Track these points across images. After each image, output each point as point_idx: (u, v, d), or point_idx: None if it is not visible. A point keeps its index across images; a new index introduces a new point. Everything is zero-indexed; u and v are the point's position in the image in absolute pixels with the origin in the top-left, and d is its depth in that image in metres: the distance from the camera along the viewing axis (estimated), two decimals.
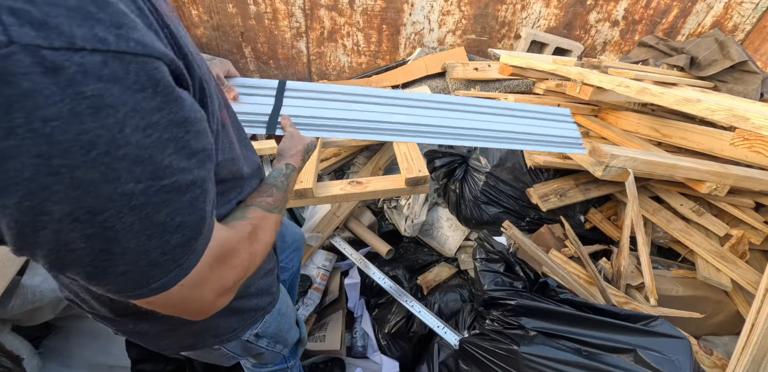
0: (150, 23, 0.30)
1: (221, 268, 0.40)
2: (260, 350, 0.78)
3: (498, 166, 1.43)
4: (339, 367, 1.36)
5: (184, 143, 0.32)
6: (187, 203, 0.33)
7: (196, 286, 0.37)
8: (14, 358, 1.05)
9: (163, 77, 0.29)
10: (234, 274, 0.42)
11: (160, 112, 0.29)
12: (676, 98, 1.01)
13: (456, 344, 1.12)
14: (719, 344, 1.17)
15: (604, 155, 1.02)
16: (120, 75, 0.27)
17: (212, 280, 0.39)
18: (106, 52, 0.26)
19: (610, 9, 2.08)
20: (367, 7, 2.09)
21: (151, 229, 0.31)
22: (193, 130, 0.32)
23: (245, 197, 0.56)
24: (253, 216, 0.51)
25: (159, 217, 0.31)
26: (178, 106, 0.31)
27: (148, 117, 0.29)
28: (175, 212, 0.32)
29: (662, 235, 1.33)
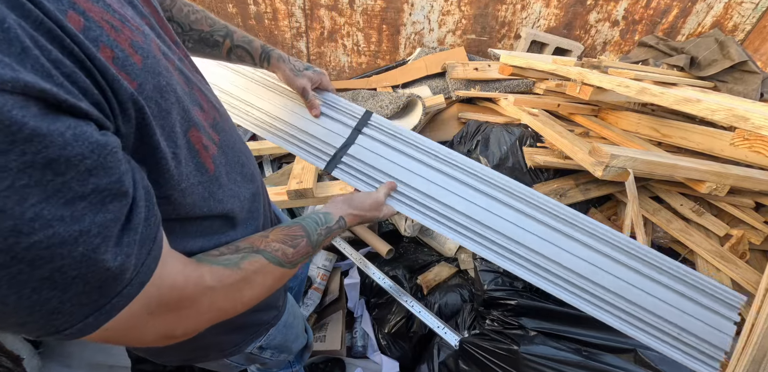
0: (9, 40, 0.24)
1: (167, 315, 0.36)
2: (264, 360, 0.76)
3: (498, 166, 1.43)
4: (339, 367, 1.36)
5: (57, 187, 0.26)
6: (81, 257, 0.28)
7: (129, 330, 0.34)
8: (14, 358, 1.05)
9: (6, 112, 0.23)
10: (184, 324, 0.38)
11: (7, 154, 0.23)
12: (676, 98, 1.01)
13: (456, 344, 1.12)
14: None
15: (604, 155, 1.02)
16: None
17: (152, 325, 0.35)
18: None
19: (610, 9, 2.08)
20: (367, 7, 2.09)
21: (34, 284, 0.27)
22: (72, 171, 0.26)
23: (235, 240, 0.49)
24: (248, 267, 0.43)
25: (42, 272, 0.27)
26: (34, 144, 0.24)
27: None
28: (66, 267, 0.27)
29: (662, 235, 1.33)
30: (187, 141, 0.40)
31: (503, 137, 1.45)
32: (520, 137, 1.43)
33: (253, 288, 0.44)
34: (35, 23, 0.26)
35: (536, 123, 1.42)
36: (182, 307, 0.37)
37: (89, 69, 0.28)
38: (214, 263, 0.41)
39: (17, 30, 0.24)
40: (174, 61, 0.41)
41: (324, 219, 0.57)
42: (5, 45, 0.24)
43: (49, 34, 0.27)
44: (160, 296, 0.34)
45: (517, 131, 1.45)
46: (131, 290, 0.32)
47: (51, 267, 0.27)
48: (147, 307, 0.33)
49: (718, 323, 0.68)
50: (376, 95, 1.75)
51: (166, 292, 0.35)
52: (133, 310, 0.32)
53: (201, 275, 0.39)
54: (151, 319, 0.34)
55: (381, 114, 1.61)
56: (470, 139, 1.55)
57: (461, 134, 1.61)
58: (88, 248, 0.28)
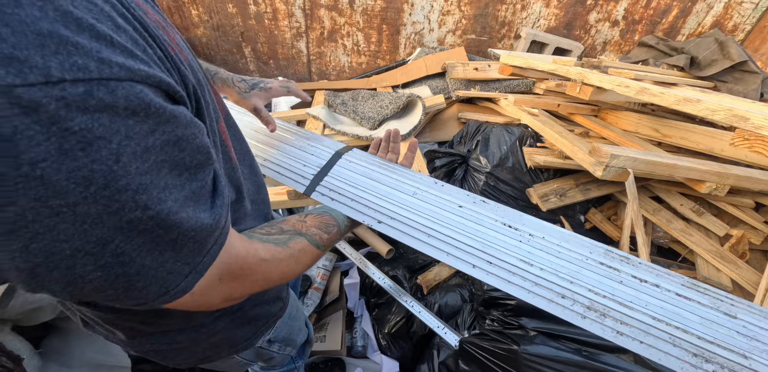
0: (134, 40, 0.28)
1: (231, 281, 0.40)
2: (272, 355, 0.78)
3: (498, 166, 1.43)
4: (339, 367, 1.36)
5: (179, 161, 0.31)
6: (193, 218, 0.33)
7: (204, 294, 0.38)
8: (14, 358, 1.05)
9: (152, 99, 0.27)
10: (241, 289, 0.43)
11: (154, 134, 0.28)
12: (676, 98, 1.01)
13: (456, 344, 1.12)
14: None
15: (604, 155, 1.02)
16: (108, 103, 0.25)
17: (219, 290, 0.39)
18: (89, 81, 0.24)
19: (610, 9, 2.08)
20: (367, 7, 2.09)
21: (163, 245, 0.31)
22: (188, 147, 0.32)
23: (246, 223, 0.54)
24: (295, 247, 0.49)
25: (171, 235, 0.31)
26: (171, 125, 0.29)
27: (143, 142, 0.27)
28: (181, 225, 0.32)
29: (662, 235, 1.33)
30: (219, 132, 0.44)
31: (503, 137, 1.45)
32: (520, 137, 1.43)
33: (299, 263, 0.49)
34: (134, 26, 0.29)
35: (536, 123, 1.42)
36: (243, 275, 0.41)
37: (175, 64, 0.33)
38: (266, 241, 0.47)
39: (132, 32, 0.29)
40: (195, 57, 0.45)
41: (342, 215, 0.63)
42: (133, 44, 0.28)
43: (145, 33, 0.31)
44: (229, 263, 0.39)
45: (517, 131, 1.45)
46: (215, 250, 0.37)
47: (175, 228, 0.31)
48: (219, 273, 0.38)
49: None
50: (376, 95, 1.75)
51: (233, 260, 0.40)
52: (212, 274, 0.37)
53: (256, 249, 0.44)
54: (219, 285, 0.39)
55: (381, 114, 1.60)
56: (470, 139, 1.55)
57: (461, 134, 1.61)
58: (194, 209, 0.33)
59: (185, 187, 0.32)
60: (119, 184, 0.27)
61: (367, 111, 1.66)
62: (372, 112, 1.64)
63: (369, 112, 1.64)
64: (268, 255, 0.45)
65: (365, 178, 0.74)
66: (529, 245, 0.62)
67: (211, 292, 0.39)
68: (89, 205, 0.26)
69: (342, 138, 1.58)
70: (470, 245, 0.62)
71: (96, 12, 0.26)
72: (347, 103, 1.74)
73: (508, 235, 0.63)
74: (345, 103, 1.74)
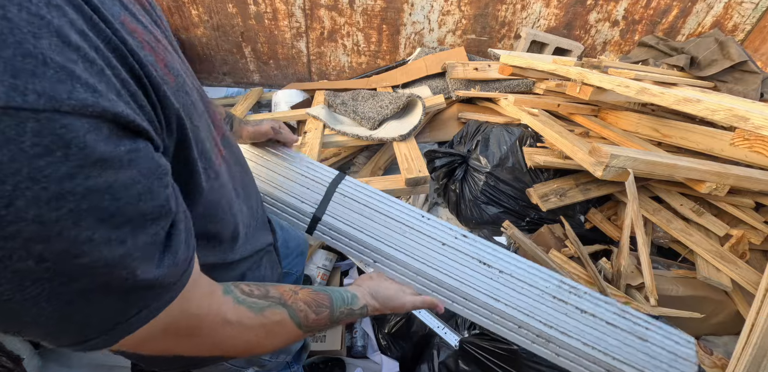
0: (88, 60, 0.24)
1: (180, 337, 0.36)
2: (264, 362, 0.76)
3: (498, 166, 1.43)
4: (339, 367, 1.36)
5: (113, 211, 0.26)
6: (121, 277, 0.28)
7: (143, 343, 0.34)
8: (14, 358, 1.05)
9: (76, 136, 0.23)
10: (192, 350, 0.38)
11: (74, 179, 0.23)
12: (676, 98, 1.01)
13: (456, 344, 1.12)
14: (719, 344, 1.17)
15: (604, 155, 1.02)
16: (9, 137, 0.21)
17: (163, 343, 0.36)
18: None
19: (610, 9, 2.08)
20: (367, 7, 2.09)
21: (71, 297, 0.27)
22: (126, 196, 0.27)
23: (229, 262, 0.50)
24: (271, 317, 0.43)
25: (81, 287, 0.27)
26: (100, 169, 0.25)
27: (54, 186, 0.23)
28: (105, 284, 0.28)
29: (662, 235, 1.33)
30: (212, 156, 0.41)
31: (503, 137, 1.45)
32: (520, 137, 1.43)
33: (270, 337, 0.44)
34: (106, 41, 0.26)
35: (536, 123, 1.42)
36: (195, 334, 0.37)
37: (146, 86, 0.29)
38: (240, 302, 0.42)
39: (89, 50, 0.24)
40: (190, 77, 0.42)
41: (350, 299, 0.56)
42: (87, 64, 0.24)
43: (117, 51, 0.27)
44: (180, 318, 0.35)
45: (517, 131, 1.45)
46: (159, 305, 0.32)
47: (91, 284, 0.27)
48: (165, 326, 0.34)
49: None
50: (376, 95, 1.75)
51: (186, 316, 0.35)
52: (153, 326, 0.33)
53: (223, 309, 0.39)
54: (165, 338, 0.35)
55: (381, 114, 1.60)
56: (470, 139, 1.55)
57: (461, 134, 1.61)
58: (129, 270, 0.28)
59: (123, 243, 0.27)
60: (6, 231, 0.22)
61: (367, 111, 1.66)
62: (372, 112, 1.64)
63: (369, 112, 1.64)
64: (235, 318, 0.40)
65: (359, 216, 0.79)
66: (497, 282, 0.73)
67: (151, 344, 0.35)
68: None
69: (342, 138, 1.58)
70: (450, 284, 0.72)
71: (37, 25, 0.22)
72: (347, 103, 1.74)
73: (481, 273, 0.73)
74: (345, 103, 1.74)
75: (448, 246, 0.76)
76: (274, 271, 0.66)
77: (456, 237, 0.78)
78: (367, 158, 1.88)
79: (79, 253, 0.25)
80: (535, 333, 0.69)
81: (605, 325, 0.70)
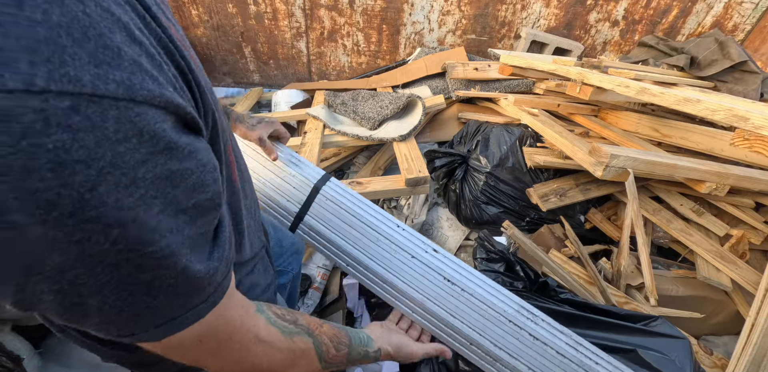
0: (150, 55, 0.26)
1: (210, 351, 0.36)
2: None
3: (498, 166, 1.43)
4: None
5: (171, 199, 0.27)
6: (180, 266, 0.29)
7: (176, 349, 0.35)
8: (14, 358, 1.05)
9: (147, 124, 0.24)
10: (218, 364, 0.38)
11: (145, 165, 0.25)
12: (676, 98, 1.01)
13: None
14: (719, 344, 1.17)
15: (604, 155, 1.02)
16: (95, 123, 0.22)
17: (195, 352, 0.36)
18: (78, 95, 0.21)
19: (610, 9, 2.08)
20: (367, 7, 2.09)
21: (133, 288, 0.28)
22: (183, 184, 0.28)
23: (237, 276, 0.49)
24: (300, 345, 0.44)
25: (145, 278, 0.28)
26: (167, 156, 0.26)
27: (131, 173, 0.24)
28: (166, 275, 0.29)
29: (662, 235, 1.33)
30: (227, 156, 0.41)
31: (503, 137, 1.45)
32: (520, 137, 1.43)
33: (292, 365, 0.43)
34: (157, 38, 0.27)
35: (536, 123, 1.42)
36: (228, 347, 0.37)
37: (190, 82, 0.30)
38: (273, 323, 0.42)
39: (149, 46, 0.26)
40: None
41: (367, 341, 0.57)
42: (149, 59, 0.25)
43: (166, 49, 0.28)
44: (218, 326, 0.35)
45: (517, 131, 1.45)
46: (205, 307, 0.33)
47: (154, 274, 0.28)
48: (201, 335, 0.34)
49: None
50: (376, 95, 1.75)
51: (223, 326, 0.36)
52: (192, 331, 0.33)
53: (258, 326, 0.40)
54: (199, 346, 0.35)
55: (381, 114, 1.60)
56: (470, 139, 1.55)
57: (461, 134, 1.61)
58: (186, 260, 0.29)
59: (181, 232, 0.28)
60: (88, 215, 0.23)
61: (367, 111, 1.66)
62: (372, 112, 1.64)
63: (369, 113, 1.64)
64: (267, 338, 0.40)
65: (338, 220, 0.81)
66: (458, 300, 0.75)
67: (182, 351, 0.35)
68: (48, 229, 0.23)
69: (342, 138, 1.58)
70: (413, 296, 0.75)
71: (110, 21, 0.23)
72: (347, 104, 1.74)
73: (444, 289, 0.75)
74: (345, 104, 1.74)
75: (416, 259, 0.77)
76: (267, 274, 0.66)
77: (426, 250, 0.79)
78: (367, 158, 1.88)
79: (147, 241, 0.26)
80: (485, 351, 0.73)
81: (555, 355, 0.72)
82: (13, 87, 0.20)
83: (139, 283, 0.28)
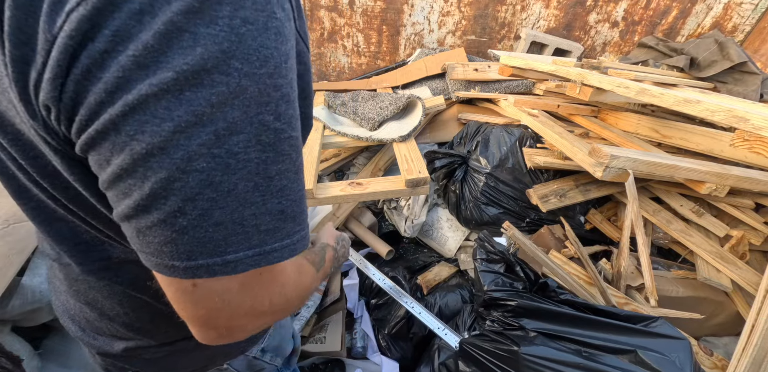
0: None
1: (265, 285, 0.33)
2: (263, 365, 0.76)
3: (498, 167, 1.43)
4: (339, 368, 1.36)
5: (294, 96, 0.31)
6: (295, 169, 0.31)
7: (244, 289, 0.31)
8: (14, 359, 1.05)
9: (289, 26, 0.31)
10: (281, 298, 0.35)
11: (290, 57, 0.30)
12: (675, 99, 1.01)
13: (456, 345, 1.12)
14: (719, 345, 1.17)
15: (604, 156, 1.02)
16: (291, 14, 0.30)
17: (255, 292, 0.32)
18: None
19: (610, 10, 2.09)
20: (367, 8, 2.09)
21: (260, 179, 0.28)
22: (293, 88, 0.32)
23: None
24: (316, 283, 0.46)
25: (273, 168, 0.29)
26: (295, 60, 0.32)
27: (292, 62, 0.30)
28: (286, 172, 0.30)
29: (662, 236, 1.33)
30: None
31: (503, 138, 1.45)
32: (520, 138, 1.43)
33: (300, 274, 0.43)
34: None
35: (536, 124, 1.42)
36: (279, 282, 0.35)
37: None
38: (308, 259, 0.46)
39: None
40: None
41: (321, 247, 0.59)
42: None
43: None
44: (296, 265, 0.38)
45: (517, 132, 1.45)
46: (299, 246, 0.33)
47: (280, 167, 0.29)
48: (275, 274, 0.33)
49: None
50: (377, 96, 1.75)
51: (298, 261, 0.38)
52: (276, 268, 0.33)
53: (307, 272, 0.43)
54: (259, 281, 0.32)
55: (381, 115, 1.61)
56: (470, 140, 1.55)
57: (461, 135, 1.61)
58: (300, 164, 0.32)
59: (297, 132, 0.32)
60: (278, 82, 0.28)
61: (367, 112, 1.66)
62: (372, 113, 1.64)
63: (369, 113, 1.64)
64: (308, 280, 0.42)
65: None
66: None
67: (248, 290, 0.31)
68: (251, 83, 0.26)
69: (342, 139, 1.58)
70: None
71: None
72: (347, 104, 1.74)
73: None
74: (345, 104, 1.74)
75: None
76: None
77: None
78: (367, 159, 1.88)
79: (293, 126, 0.30)
80: None
81: None
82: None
83: (267, 177, 0.29)
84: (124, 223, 0.29)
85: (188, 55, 0.24)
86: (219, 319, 0.31)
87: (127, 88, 0.24)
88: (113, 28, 0.23)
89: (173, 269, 0.28)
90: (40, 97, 0.26)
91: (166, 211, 0.26)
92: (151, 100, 0.24)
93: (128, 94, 0.24)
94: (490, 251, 1.11)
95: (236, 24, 0.25)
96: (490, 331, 1.01)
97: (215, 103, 0.25)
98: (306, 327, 1.42)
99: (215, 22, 0.24)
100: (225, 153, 0.26)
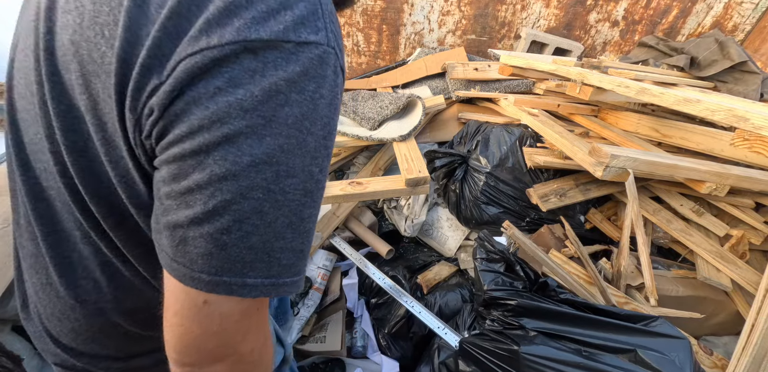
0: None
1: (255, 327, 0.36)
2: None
3: (498, 167, 1.43)
4: (339, 368, 1.36)
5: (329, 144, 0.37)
6: (316, 217, 0.36)
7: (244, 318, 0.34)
8: (14, 358, 1.05)
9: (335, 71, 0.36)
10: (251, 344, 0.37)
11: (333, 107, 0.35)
12: (676, 98, 1.01)
13: (456, 345, 1.12)
14: (719, 344, 1.17)
15: (604, 156, 1.02)
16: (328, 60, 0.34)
17: (248, 325, 0.35)
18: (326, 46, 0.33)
19: (610, 9, 2.08)
20: (367, 8, 2.09)
21: (296, 219, 0.33)
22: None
23: None
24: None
25: (306, 212, 0.34)
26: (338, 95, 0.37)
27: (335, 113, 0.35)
28: (313, 216, 0.35)
29: (662, 236, 1.33)
30: None
31: (503, 137, 1.45)
32: (520, 137, 1.43)
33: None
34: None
35: (536, 123, 1.42)
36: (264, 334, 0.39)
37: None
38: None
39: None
40: None
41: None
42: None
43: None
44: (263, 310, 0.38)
45: (517, 131, 1.45)
46: (294, 286, 0.36)
47: (310, 211, 0.35)
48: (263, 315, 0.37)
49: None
50: (376, 95, 1.75)
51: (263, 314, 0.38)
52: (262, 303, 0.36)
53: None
54: (255, 315, 0.36)
55: (381, 114, 1.60)
56: (470, 140, 1.55)
57: (461, 134, 1.61)
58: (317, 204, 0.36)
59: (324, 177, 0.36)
60: (328, 143, 0.34)
61: (367, 111, 1.66)
62: (372, 112, 1.64)
63: (369, 113, 1.64)
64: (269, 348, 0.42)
65: None
66: None
67: (244, 322, 0.35)
68: (311, 141, 0.33)
69: (342, 138, 1.58)
70: None
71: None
72: (347, 104, 1.74)
73: None
74: (345, 104, 1.74)
75: None
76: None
77: None
78: (367, 159, 1.88)
79: (323, 176, 0.35)
80: None
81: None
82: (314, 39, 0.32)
83: (299, 219, 0.34)
84: (168, 232, 0.33)
85: (277, 111, 0.31)
86: (208, 343, 0.34)
87: (228, 123, 0.30)
88: (228, 75, 0.30)
89: (197, 281, 0.32)
90: (151, 100, 0.31)
91: (217, 227, 0.31)
92: (242, 137, 0.30)
93: (227, 127, 0.30)
94: (490, 250, 1.11)
95: (316, 97, 0.32)
96: (490, 331, 1.01)
97: (285, 150, 0.31)
98: (306, 326, 1.42)
99: (303, 93, 0.31)
100: (278, 190, 0.32)
